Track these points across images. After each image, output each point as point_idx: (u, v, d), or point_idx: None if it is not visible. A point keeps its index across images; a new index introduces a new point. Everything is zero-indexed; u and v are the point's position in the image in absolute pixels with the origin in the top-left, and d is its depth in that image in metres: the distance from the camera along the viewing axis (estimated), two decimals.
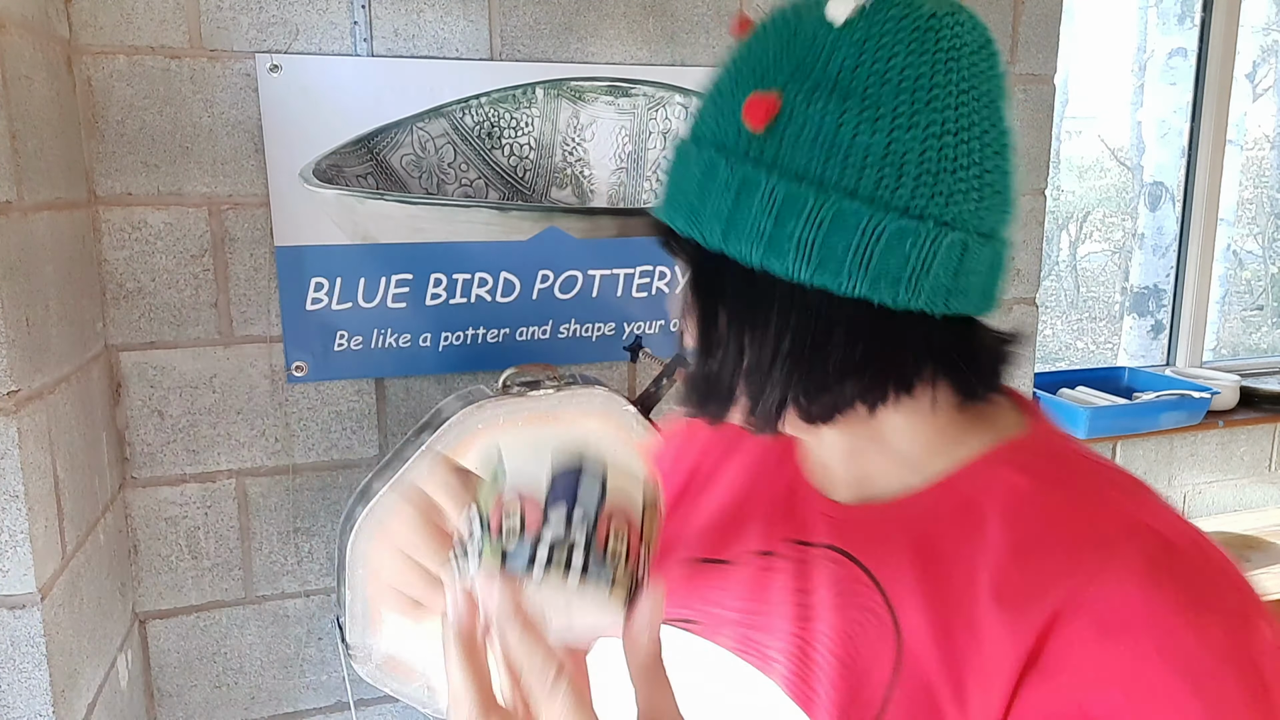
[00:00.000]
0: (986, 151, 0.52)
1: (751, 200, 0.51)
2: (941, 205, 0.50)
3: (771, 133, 0.52)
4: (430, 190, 1.61)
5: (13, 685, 1.14)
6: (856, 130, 0.49)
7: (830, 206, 0.50)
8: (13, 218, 1.12)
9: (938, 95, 0.50)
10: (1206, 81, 2.41)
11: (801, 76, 0.51)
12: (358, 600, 1.42)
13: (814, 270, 0.50)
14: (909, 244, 0.50)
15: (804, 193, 0.50)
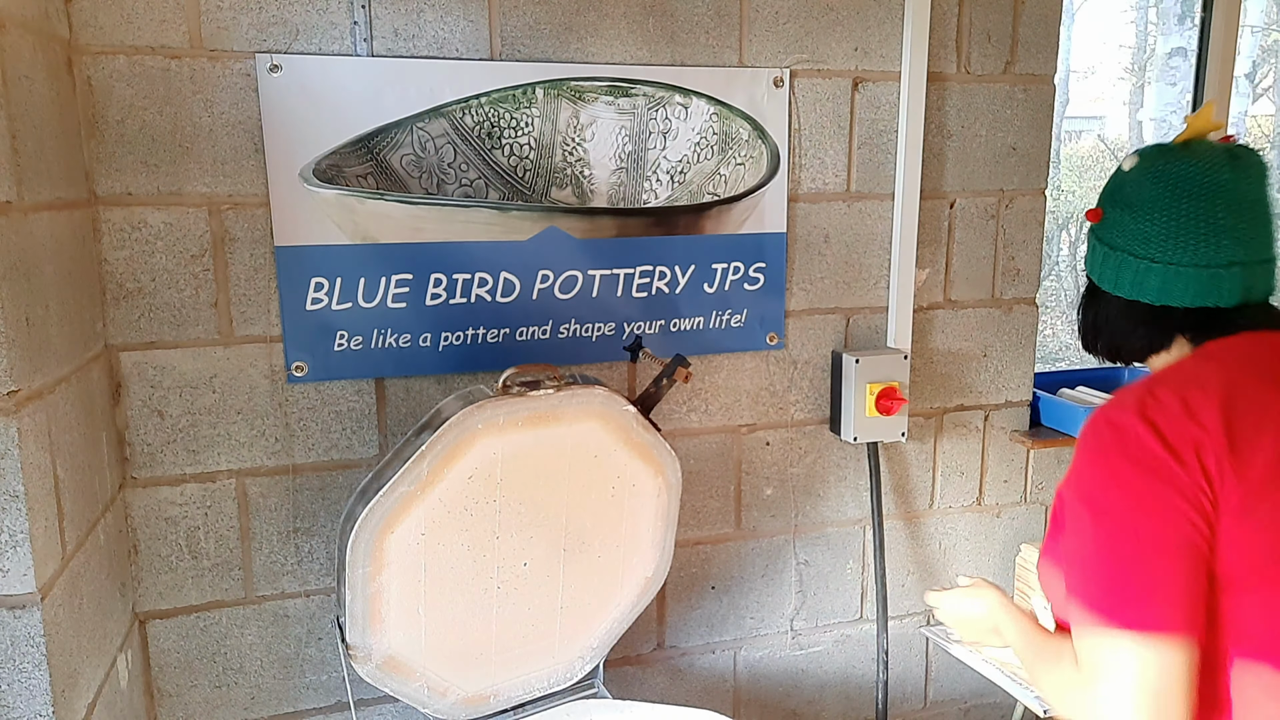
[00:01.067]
0: (1196, 222, 1.04)
1: (1095, 255, 1.13)
2: (1163, 253, 1.05)
3: (1101, 225, 1.13)
4: (430, 190, 1.61)
5: (13, 685, 1.14)
6: (1138, 224, 1.07)
7: (1118, 257, 1.09)
8: (13, 218, 1.12)
9: (1158, 203, 1.06)
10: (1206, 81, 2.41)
11: (1109, 195, 1.13)
12: (358, 600, 1.42)
13: (1116, 286, 1.10)
14: (1153, 273, 1.06)
15: (1111, 253, 1.10)
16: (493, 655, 1.60)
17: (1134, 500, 0.93)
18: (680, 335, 1.83)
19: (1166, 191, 1.05)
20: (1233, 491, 0.92)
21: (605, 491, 1.59)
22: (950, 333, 2.05)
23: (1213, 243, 1.04)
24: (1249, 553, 0.93)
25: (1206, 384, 0.98)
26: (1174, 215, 1.04)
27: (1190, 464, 0.93)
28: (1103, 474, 0.96)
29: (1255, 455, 0.94)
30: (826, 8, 1.81)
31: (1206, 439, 0.93)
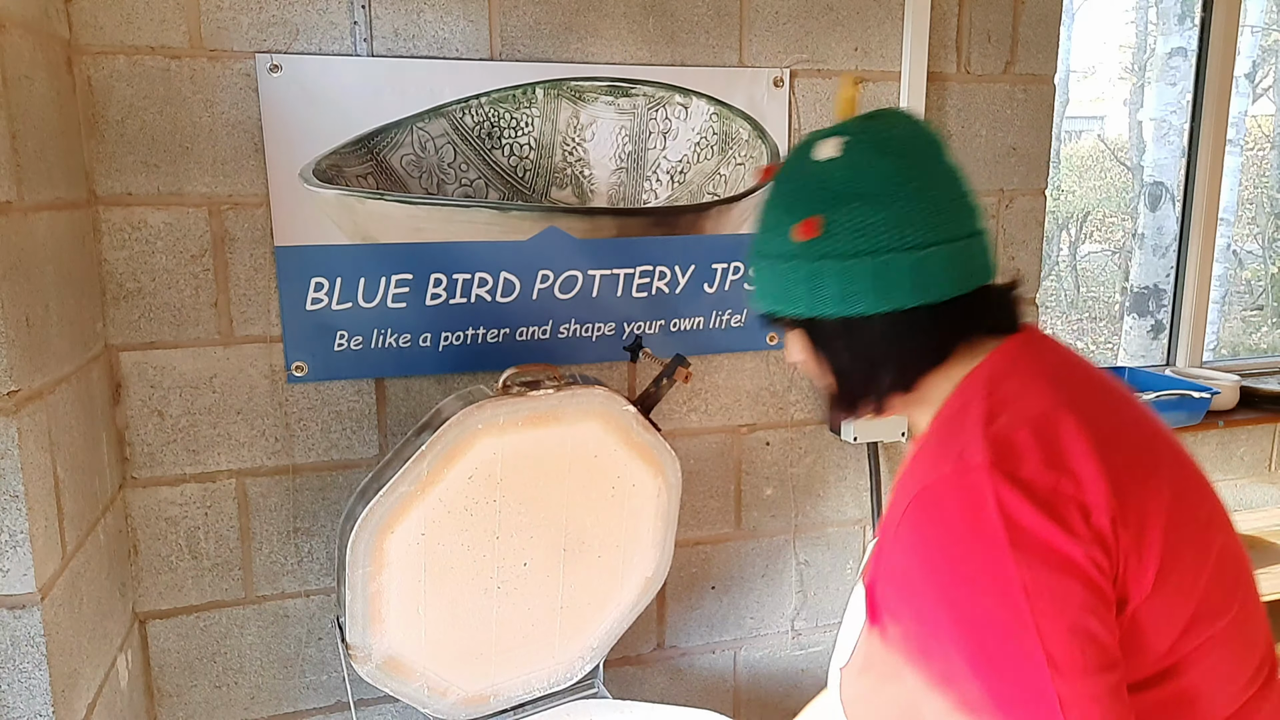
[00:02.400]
0: (950, 186, 0.85)
1: (828, 279, 0.84)
2: (940, 231, 0.83)
3: (825, 237, 0.83)
4: (430, 190, 1.61)
5: (13, 685, 1.14)
6: (874, 212, 0.82)
7: (880, 261, 0.82)
8: (13, 218, 1.12)
9: (905, 173, 0.83)
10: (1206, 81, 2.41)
11: (825, 197, 0.84)
12: (358, 600, 1.42)
13: (888, 299, 0.83)
14: (937, 260, 0.82)
15: (862, 262, 0.82)
16: (493, 655, 1.60)
17: (1020, 606, 0.69)
18: (680, 335, 1.83)
19: (909, 160, 0.83)
20: (1135, 563, 0.73)
21: (605, 491, 1.59)
22: None
23: (969, 203, 0.86)
24: (1168, 634, 0.76)
25: (1057, 415, 0.77)
26: (932, 183, 0.83)
27: (1081, 535, 0.71)
28: (966, 571, 0.72)
29: (1150, 505, 0.75)
30: (826, 8, 1.81)
31: (1091, 496, 0.73)
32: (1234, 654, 0.81)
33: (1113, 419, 0.80)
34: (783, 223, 0.86)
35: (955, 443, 0.78)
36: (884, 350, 0.85)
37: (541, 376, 1.47)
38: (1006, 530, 0.71)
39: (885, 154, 0.83)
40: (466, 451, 1.42)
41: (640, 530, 1.65)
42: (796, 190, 0.86)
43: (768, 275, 0.89)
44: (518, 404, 1.43)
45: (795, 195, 0.86)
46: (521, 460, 1.49)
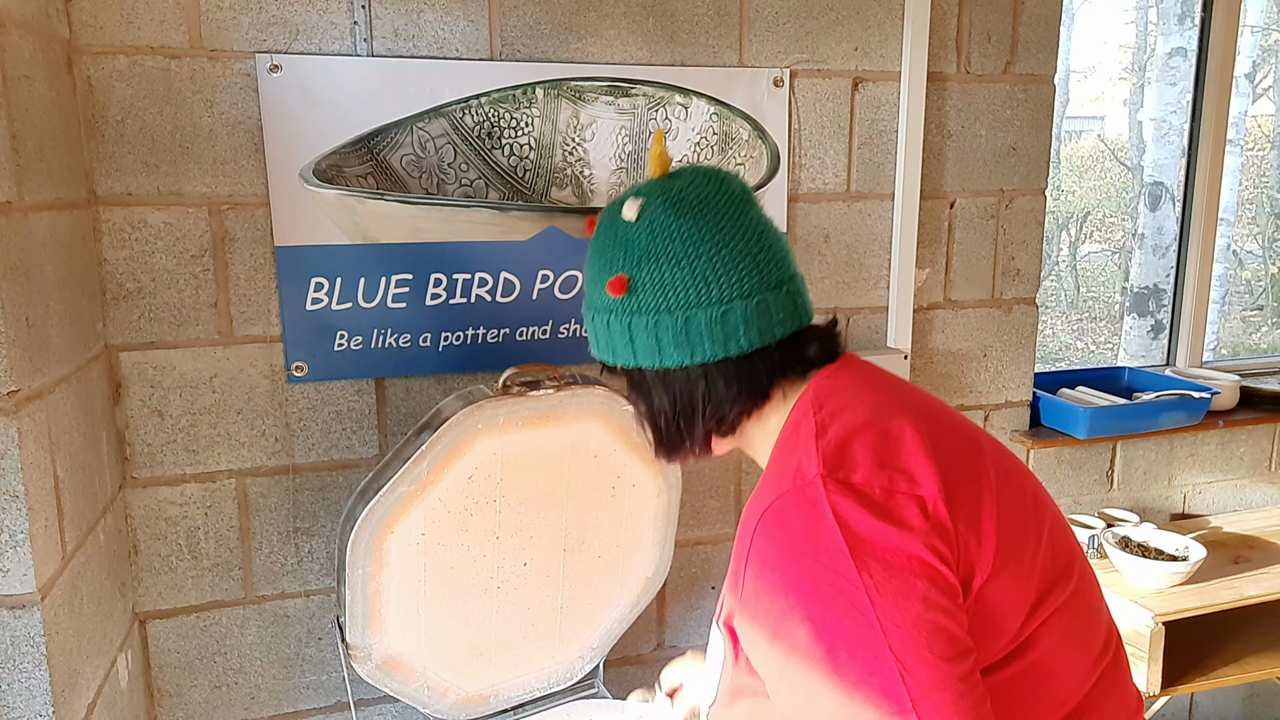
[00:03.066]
0: (750, 242, 0.88)
1: (639, 334, 0.89)
2: (739, 286, 0.86)
3: (631, 294, 0.88)
4: (430, 190, 1.61)
5: (13, 685, 1.14)
6: (673, 271, 0.87)
7: (682, 317, 0.87)
8: (13, 218, 1.12)
9: (701, 232, 0.87)
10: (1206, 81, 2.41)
11: (630, 256, 0.89)
12: (358, 600, 1.42)
13: (692, 354, 0.88)
14: (736, 314, 0.86)
15: (666, 318, 0.87)
16: (493, 655, 1.60)
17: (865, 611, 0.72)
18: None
19: (704, 220, 0.87)
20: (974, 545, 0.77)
21: (605, 491, 1.59)
22: (950, 333, 2.05)
23: (773, 256, 0.89)
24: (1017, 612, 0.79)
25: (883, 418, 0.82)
26: (728, 240, 0.86)
27: (919, 528, 0.74)
28: (811, 584, 0.74)
29: (981, 491, 0.80)
30: (826, 8, 1.81)
31: (926, 488, 0.77)
32: (1080, 626, 0.86)
33: (933, 418, 0.86)
34: (599, 278, 0.91)
35: (791, 461, 0.82)
36: (697, 398, 0.90)
37: (541, 376, 1.47)
38: (845, 538, 0.74)
39: (681, 214, 0.88)
40: (466, 451, 1.42)
41: (640, 530, 1.65)
42: (607, 247, 0.91)
43: (593, 326, 0.95)
44: (518, 404, 1.43)
45: (606, 252, 0.91)
46: (521, 460, 1.49)
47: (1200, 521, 2.32)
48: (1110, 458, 2.27)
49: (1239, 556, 2.10)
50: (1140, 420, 2.16)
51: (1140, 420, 2.16)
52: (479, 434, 1.42)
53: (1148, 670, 1.82)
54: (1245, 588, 1.93)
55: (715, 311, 0.86)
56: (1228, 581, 1.95)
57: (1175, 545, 1.99)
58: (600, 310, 0.92)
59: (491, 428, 1.42)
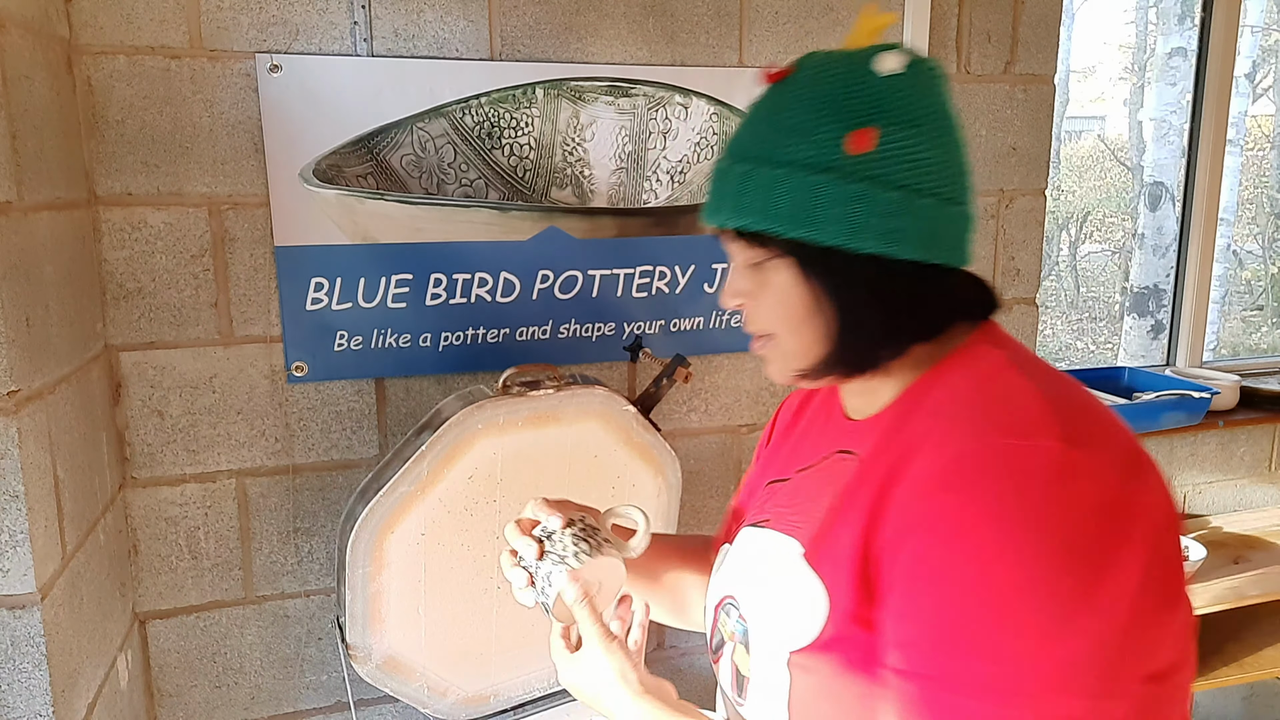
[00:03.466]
0: (959, 145, 0.77)
1: (863, 206, 0.72)
2: (964, 192, 0.76)
3: (874, 158, 0.72)
4: (430, 190, 1.61)
5: (13, 685, 1.14)
6: (927, 150, 0.73)
7: (925, 205, 0.73)
8: (13, 218, 1.12)
9: (951, 119, 0.76)
10: (1206, 81, 2.41)
11: (885, 113, 0.73)
12: (358, 600, 1.42)
13: (914, 249, 0.73)
14: (962, 220, 0.76)
15: (906, 199, 0.72)
16: (493, 655, 1.60)
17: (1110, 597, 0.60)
18: (680, 335, 1.83)
19: (940, 103, 0.76)
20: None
21: (605, 491, 1.59)
22: None
23: (968, 172, 0.77)
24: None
25: (1109, 415, 0.71)
26: (952, 132, 0.76)
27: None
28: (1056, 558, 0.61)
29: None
30: (826, 8, 1.81)
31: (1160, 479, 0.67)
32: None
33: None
34: (824, 127, 0.73)
35: (1004, 413, 0.68)
36: (901, 300, 0.75)
37: (541, 376, 1.47)
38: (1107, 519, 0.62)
39: (943, 91, 0.76)
40: (466, 451, 1.42)
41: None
42: (841, 95, 0.73)
43: (777, 185, 0.74)
44: (518, 404, 1.43)
45: (841, 100, 0.73)
46: (521, 460, 1.49)
47: (1200, 521, 2.32)
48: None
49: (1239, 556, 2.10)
50: (1140, 420, 2.17)
51: (1140, 420, 2.17)
52: (479, 434, 1.42)
53: None
54: (1245, 588, 1.93)
55: (954, 210, 0.74)
56: (1227, 581, 1.96)
57: None
58: (805, 165, 0.73)
59: (491, 428, 1.42)
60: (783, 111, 0.76)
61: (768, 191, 0.74)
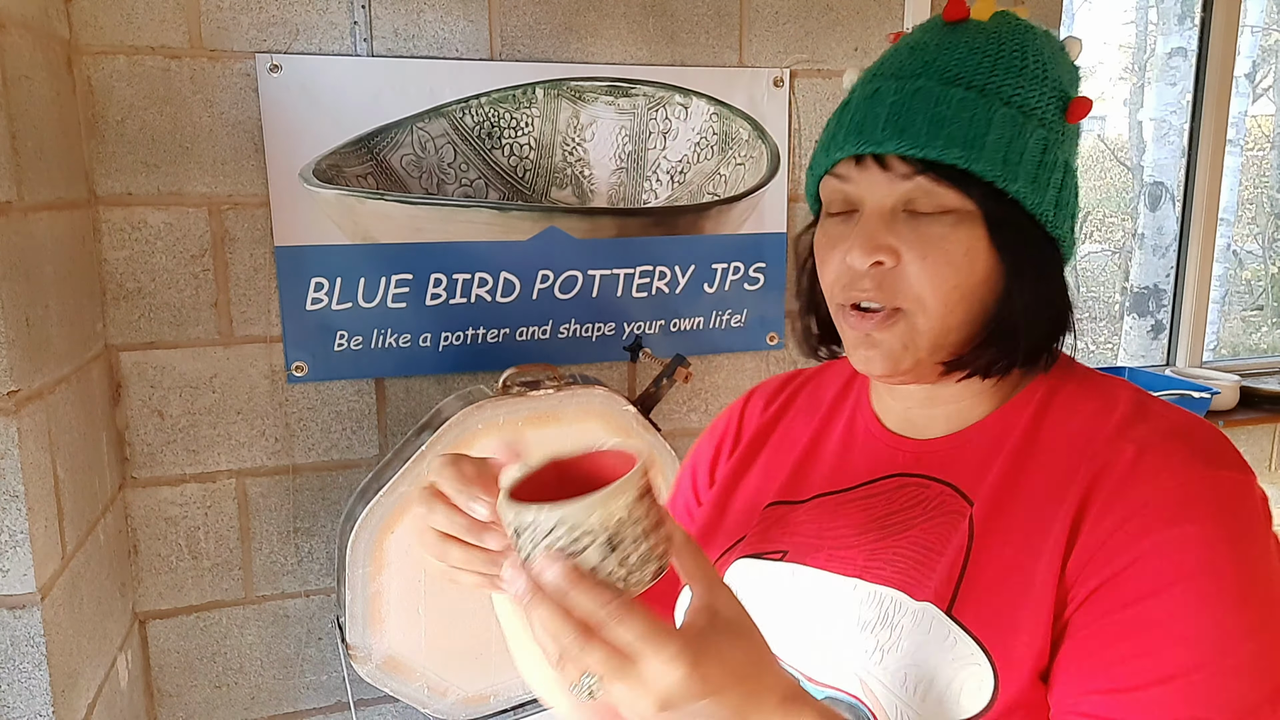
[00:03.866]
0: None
1: (1056, 171, 0.66)
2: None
3: (1075, 134, 0.68)
4: (430, 190, 1.61)
5: (13, 685, 1.14)
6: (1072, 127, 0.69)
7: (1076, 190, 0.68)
8: (13, 218, 1.12)
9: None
10: (1206, 81, 2.41)
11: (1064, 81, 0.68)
12: (358, 600, 1.42)
13: (1071, 249, 0.69)
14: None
15: (1074, 180, 0.68)
16: (493, 655, 1.60)
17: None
18: (680, 335, 1.83)
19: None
20: None
21: None
22: None
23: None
24: None
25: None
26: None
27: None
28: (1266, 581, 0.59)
29: None
30: (826, 8, 1.81)
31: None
32: None
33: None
34: (1050, 82, 0.66)
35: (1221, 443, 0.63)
36: (1068, 302, 0.69)
37: (541, 376, 1.47)
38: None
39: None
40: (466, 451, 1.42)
41: None
42: (1060, 63, 0.68)
43: (1002, 125, 0.64)
44: (518, 404, 1.43)
45: (1063, 66, 0.68)
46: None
47: None
48: None
49: None
50: None
51: None
52: (479, 434, 1.42)
53: None
54: None
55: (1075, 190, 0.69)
56: None
57: None
58: (1036, 118, 0.65)
59: (491, 428, 1.42)
60: (1003, 47, 0.66)
61: (986, 126, 0.64)
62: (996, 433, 0.70)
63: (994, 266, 0.66)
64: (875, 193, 0.66)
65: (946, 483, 0.70)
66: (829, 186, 0.70)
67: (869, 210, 0.66)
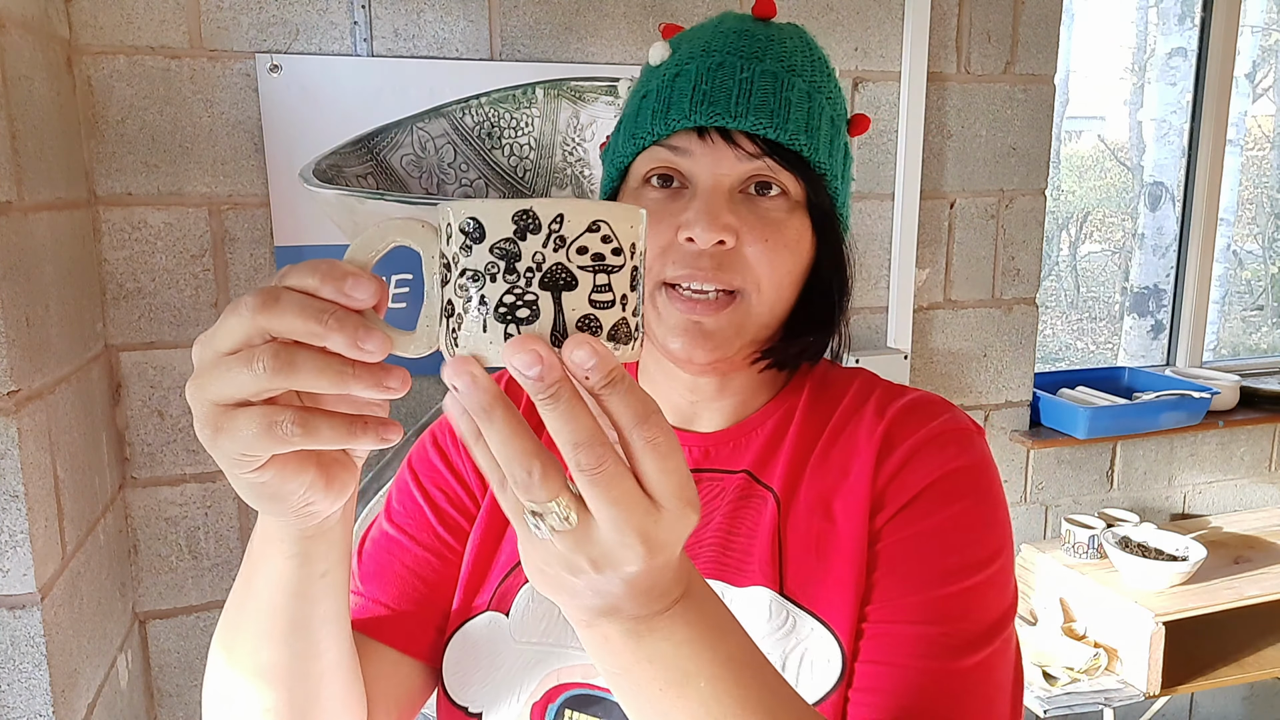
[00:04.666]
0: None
1: (849, 179, 0.71)
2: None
3: (849, 152, 0.72)
4: (430, 190, 1.61)
5: (13, 685, 1.14)
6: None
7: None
8: (13, 218, 1.12)
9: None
10: (1206, 81, 2.41)
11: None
12: None
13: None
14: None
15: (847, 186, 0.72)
16: None
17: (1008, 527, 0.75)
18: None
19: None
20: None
21: None
22: (950, 333, 2.05)
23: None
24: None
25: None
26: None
27: None
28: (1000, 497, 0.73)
29: None
30: (826, 8, 1.81)
31: None
32: None
33: None
34: (841, 99, 0.71)
35: (931, 404, 0.71)
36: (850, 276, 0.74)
37: None
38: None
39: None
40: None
41: None
42: (829, 75, 0.71)
43: (827, 118, 0.67)
44: None
45: (832, 81, 0.71)
46: None
47: (1200, 521, 2.32)
48: (1110, 458, 2.27)
49: (1239, 556, 2.10)
50: (1140, 420, 2.17)
51: (1140, 420, 2.17)
52: None
53: (1148, 670, 1.82)
54: (1245, 588, 1.93)
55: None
56: (1228, 581, 1.96)
57: (1175, 545, 1.99)
58: (843, 118, 0.70)
59: None
60: (814, 51, 0.70)
61: (819, 120, 0.66)
62: (778, 418, 0.72)
63: (812, 256, 0.69)
64: (717, 169, 0.64)
65: (743, 471, 0.71)
66: (655, 156, 0.66)
67: (708, 186, 0.64)
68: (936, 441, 0.67)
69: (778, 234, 0.65)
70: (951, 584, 0.62)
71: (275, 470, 0.43)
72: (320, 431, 0.41)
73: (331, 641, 0.59)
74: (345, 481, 0.47)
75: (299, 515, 0.47)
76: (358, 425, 0.42)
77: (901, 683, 0.59)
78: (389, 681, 0.69)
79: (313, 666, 0.59)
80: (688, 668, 0.45)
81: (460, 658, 0.69)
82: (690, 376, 0.70)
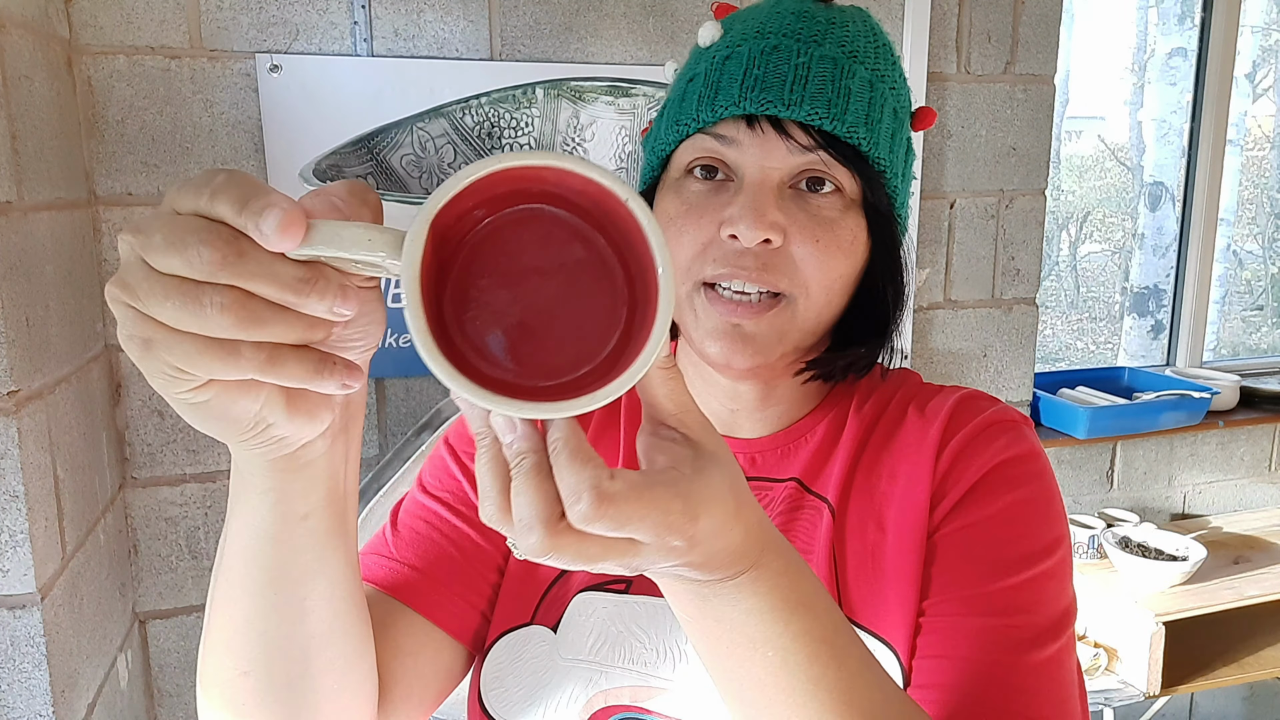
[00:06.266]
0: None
1: (910, 178, 0.66)
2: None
3: (912, 146, 0.67)
4: (430, 190, 1.61)
5: (13, 685, 1.14)
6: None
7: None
8: (13, 218, 1.12)
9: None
10: (1206, 81, 2.41)
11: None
12: None
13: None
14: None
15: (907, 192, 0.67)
16: None
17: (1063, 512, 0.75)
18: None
19: None
20: None
21: None
22: (950, 333, 2.05)
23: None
24: None
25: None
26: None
27: None
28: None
29: None
30: None
31: None
32: None
33: None
34: (906, 89, 0.67)
35: (978, 398, 0.69)
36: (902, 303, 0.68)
37: None
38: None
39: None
40: None
41: None
42: (897, 67, 0.69)
43: (891, 112, 0.63)
44: None
45: (900, 74, 0.68)
46: None
47: (1200, 521, 2.32)
48: (1110, 458, 2.27)
49: (1239, 556, 2.10)
50: (1140, 420, 2.17)
51: (1140, 420, 2.17)
52: None
53: (1148, 670, 1.82)
54: (1245, 588, 1.93)
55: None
56: (1228, 581, 1.96)
57: (1175, 545, 1.99)
58: (898, 106, 0.64)
59: None
60: (878, 37, 0.66)
61: (880, 112, 0.61)
62: (828, 425, 0.68)
63: (866, 260, 0.63)
64: (767, 161, 0.59)
65: (791, 479, 0.67)
66: (700, 146, 0.62)
67: (756, 180, 0.59)
68: (988, 433, 0.64)
69: (830, 234, 0.60)
70: (1012, 575, 0.59)
71: (218, 389, 0.37)
72: (286, 364, 0.36)
73: (322, 602, 0.52)
74: (316, 404, 0.40)
75: (262, 443, 0.40)
76: (326, 362, 0.37)
77: (964, 676, 0.56)
78: (418, 657, 0.64)
79: (296, 629, 0.52)
80: (754, 635, 0.43)
81: (500, 668, 0.67)
82: (729, 382, 0.66)
